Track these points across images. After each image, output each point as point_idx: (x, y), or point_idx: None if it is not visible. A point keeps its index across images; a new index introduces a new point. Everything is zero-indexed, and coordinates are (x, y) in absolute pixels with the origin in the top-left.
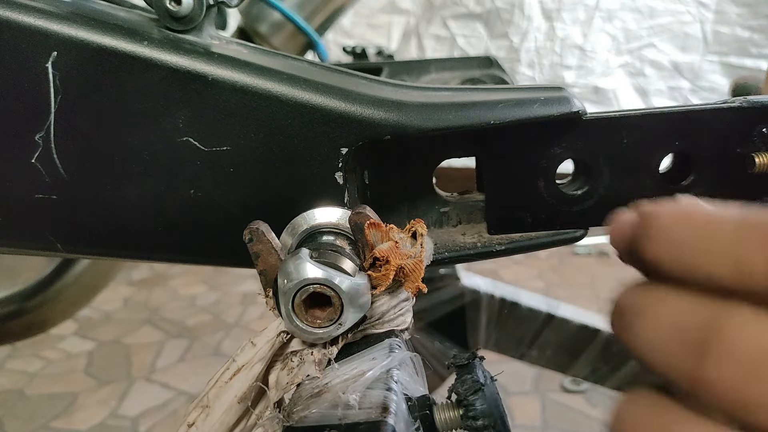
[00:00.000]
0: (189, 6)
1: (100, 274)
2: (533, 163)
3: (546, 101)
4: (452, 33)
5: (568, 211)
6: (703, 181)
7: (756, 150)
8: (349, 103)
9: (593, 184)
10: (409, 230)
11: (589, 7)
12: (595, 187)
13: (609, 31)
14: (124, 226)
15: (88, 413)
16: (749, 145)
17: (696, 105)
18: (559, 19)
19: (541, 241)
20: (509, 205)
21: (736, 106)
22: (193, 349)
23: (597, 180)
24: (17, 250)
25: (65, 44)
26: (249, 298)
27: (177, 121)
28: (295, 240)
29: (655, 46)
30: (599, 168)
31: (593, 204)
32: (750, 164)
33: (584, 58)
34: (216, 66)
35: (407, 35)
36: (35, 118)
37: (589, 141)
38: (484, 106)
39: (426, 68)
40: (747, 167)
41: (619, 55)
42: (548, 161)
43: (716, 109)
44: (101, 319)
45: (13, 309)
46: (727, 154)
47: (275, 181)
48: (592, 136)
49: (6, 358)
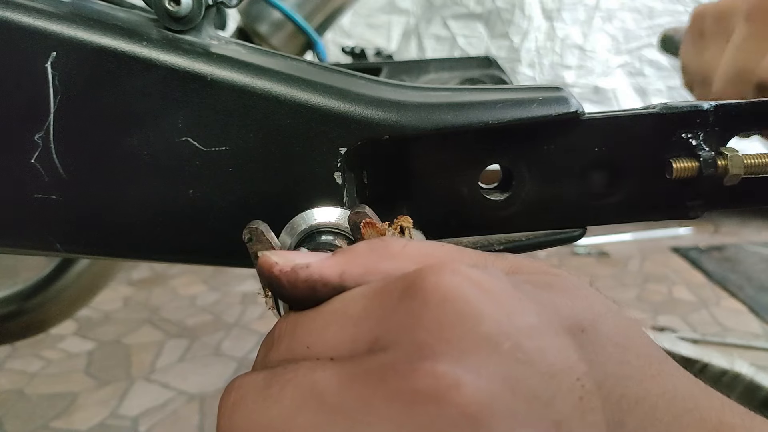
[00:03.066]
0: (188, 6)
1: (100, 274)
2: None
3: (544, 101)
4: (452, 33)
5: (494, 217)
6: (625, 188)
7: (676, 156)
8: (348, 103)
9: (516, 190)
10: (396, 226)
11: (589, 7)
12: (519, 192)
13: (609, 31)
14: (123, 226)
15: (88, 413)
16: (670, 151)
17: (616, 111)
18: (559, 19)
19: (540, 241)
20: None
21: (655, 112)
22: (193, 349)
23: (520, 185)
24: (17, 250)
25: (64, 44)
26: (249, 298)
27: (176, 121)
28: (294, 240)
29: (654, 46)
30: (521, 174)
31: (516, 211)
32: (668, 170)
33: (584, 57)
34: (215, 66)
35: (407, 35)
36: (34, 118)
37: (513, 146)
38: (483, 106)
39: (425, 68)
40: (666, 173)
41: (619, 55)
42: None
43: (636, 115)
44: (101, 319)
45: (13, 309)
46: (648, 160)
47: (274, 181)
48: (517, 141)
49: (6, 358)
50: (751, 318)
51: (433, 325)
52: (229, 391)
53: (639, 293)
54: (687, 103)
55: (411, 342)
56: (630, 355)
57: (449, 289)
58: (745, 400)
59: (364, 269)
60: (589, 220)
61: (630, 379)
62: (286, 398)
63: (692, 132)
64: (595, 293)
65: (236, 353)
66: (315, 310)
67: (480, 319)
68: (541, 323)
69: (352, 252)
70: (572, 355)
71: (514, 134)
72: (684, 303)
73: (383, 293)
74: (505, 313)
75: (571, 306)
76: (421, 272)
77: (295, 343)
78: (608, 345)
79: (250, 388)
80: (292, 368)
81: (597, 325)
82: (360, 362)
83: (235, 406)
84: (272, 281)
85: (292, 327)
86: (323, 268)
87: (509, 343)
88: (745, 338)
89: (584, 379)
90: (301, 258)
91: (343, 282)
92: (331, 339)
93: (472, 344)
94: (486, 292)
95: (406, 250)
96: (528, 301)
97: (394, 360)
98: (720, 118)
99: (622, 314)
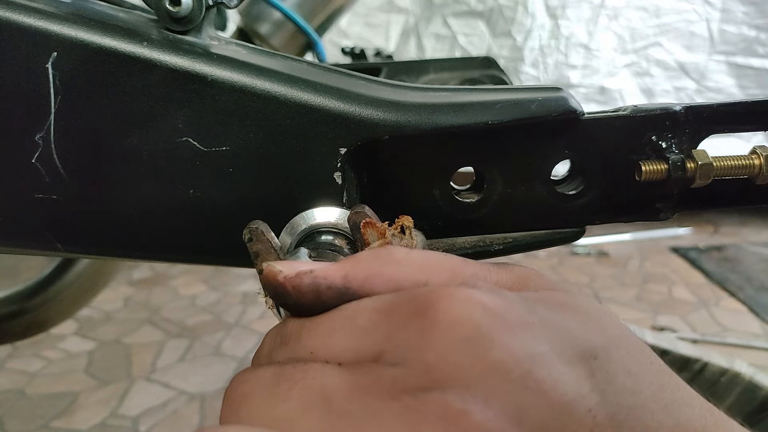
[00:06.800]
0: (188, 7)
1: (100, 274)
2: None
3: (544, 101)
4: (453, 31)
5: (463, 219)
6: (595, 190)
7: (646, 158)
8: (348, 103)
9: (487, 192)
10: (397, 226)
11: (595, 5)
12: (490, 194)
13: (615, 29)
14: (123, 226)
15: (88, 413)
16: (640, 153)
17: (588, 113)
18: (563, 16)
19: (539, 240)
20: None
21: (624, 115)
22: (193, 349)
23: (491, 187)
24: (17, 250)
25: (65, 45)
26: (249, 298)
27: (176, 122)
28: (294, 239)
29: (661, 45)
30: (493, 175)
31: (488, 211)
32: (638, 172)
33: (590, 57)
34: (215, 66)
35: (406, 34)
36: (35, 118)
37: (489, 147)
38: (482, 106)
39: (425, 69)
40: (636, 175)
41: (625, 54)
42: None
43: (606, 117)
44: (101, 318)
45: (13, 309)
46: (618, 162)
47: (274, 181)
48: (489, 143)
49: (6, 357)
50: (750, 318)
51: (442, 348)
52: (237, 384)
53: (638, 293)
54: (657, 105)
55: (420, 362)
56: (643, 383)
57: (460, 313)
58: (744, 400)
59: (367, 273)
60: (560, 222)
61: (642, 409)
62: (294, 398)
63: (662, 134)
64: (606, 313)
65: (236, 353)
66: (323, 315)
67: (490, 345)
68: (553, 351)
69: (355, 258)
70: (584, 385)
71: (486, 137)
72: (683, 303)
73: (393, 308)
74: (517, 339)
75: (583, 330)
76: (433, 293)
77: (299, 346)
78: (621, 373)
79: (259, 383)
80: (301, 368)
81: (609, 352)
82: (369, 373)
83: (242, 399)
84: (277, 289)
85: (299, 329)
86: (327, 271)
87: (520, 370)
88: (744, 338)
89: (596, 410)
90: (304, 265)
91: (347, 284)
92: (335, 346)
93: (481, 371)
94: (497, 318)
95: (410, 258)
96: (540, 326)
97: (405, 377)
98: (691, 120)
99: (633, 337)
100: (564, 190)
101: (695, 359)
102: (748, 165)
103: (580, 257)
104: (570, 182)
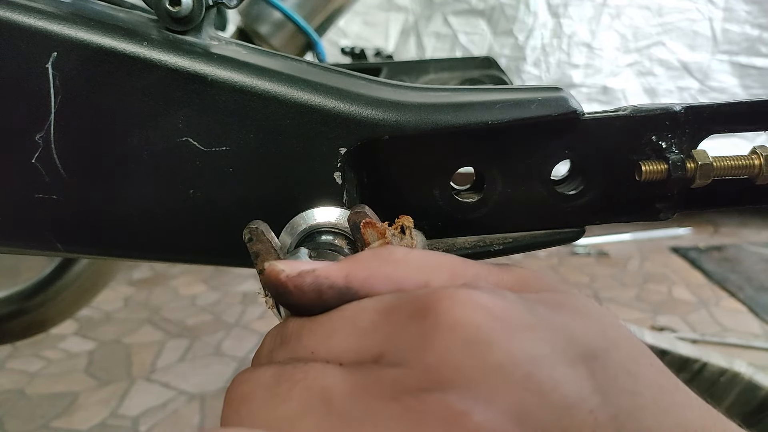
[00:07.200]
0: (188, 7)
1: (100, 274)
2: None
3: (544, 101)
4: (453, 30)
5: (463, 219)
6: (595, 190)
7: (646, 158)
8: (348, 103)
9: (487, 192)
10: (397, 226)
11: (597, 3)
12: (490, 194)
13: (617, 28)
14: (123, 226)
15: (88, 413)
16: (640, 153)
17: (588, 113)
18: (565, 15)
19: (539, 240)
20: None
21: (624, 115)
22: (193, 349)
23: (491, 187)
24: (17, 250)
25: (65, 45)
26: (249, 298)
27: (176, 122)
28: (294, 239)
29: (664, 45)
30: (493, 175)
31: (488, 211)
32: (638, 172)
33: (592, 56)
34: (215, 66)
35: (406, 33)
36: (35, 118)
37: (489, 147)
38: (482, 106)
39: (425, 69)
40: (636, 175)
41: (628, 54)
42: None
43: (606, 117)
44: (101, 319)
45: (13, 309)
46: (618, 162)
47: (274, 181)
48: (489, 144)
49: (6, 357)
50: (750, 318)
51: (443, 349)
52: (237, 384)
53: (638, 293)
54: (657, 105)
55: (420, 363)
56: (643, 384)
57: (461, 314)
58: (743, 400)
59: (369, 272)
60: (560, 222)
61: (643, 410)
62: (294, 399)
63: (662, 134)
64: (606, 314)
65: (237, 353)
66: (324, 315)
67: (491, 347)
68: (554, 352)
69: (355, 258)
70: (586, 386)
71: (486, 137)
72: (683, 303)
73: (394, 310)
74: (518, 340)
75: (584, 331)
76: (434, 294)
77: (300, 346)
78: (621, 374)
79: (260, 383)
80: (302, 368)
81: (610, 352)
82: (370, 374)
83: (243, 399)
84: (279, 288)
85: (299, 329)
86: (329, 271)
87: (521, 372)
88: (744, 338)
89: (597, 412)
90: (305, 265)
91: (348, 283)
92: (335, 346)
93: (482, 372)
94: (498, 319)
95: (410, 258)
96: (541, 328)
97: (405, 379)
98: (691, 120)
99: (633, 339)
100: (564, 190)
101: (694, 359)
102: (748, 165)
103: (580, 257)
104: (570, 182)
